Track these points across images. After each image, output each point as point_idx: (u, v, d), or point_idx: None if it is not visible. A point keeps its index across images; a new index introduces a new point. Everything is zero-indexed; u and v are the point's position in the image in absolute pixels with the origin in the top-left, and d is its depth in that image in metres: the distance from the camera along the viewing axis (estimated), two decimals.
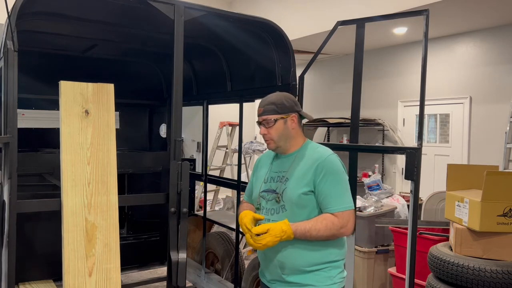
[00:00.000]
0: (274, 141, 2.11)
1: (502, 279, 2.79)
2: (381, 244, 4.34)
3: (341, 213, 1.97)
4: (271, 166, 2.21)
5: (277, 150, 2.17)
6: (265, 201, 2.13)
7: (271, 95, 2.15)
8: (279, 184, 2.10)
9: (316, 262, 2.02)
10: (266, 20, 3.12)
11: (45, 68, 4.10)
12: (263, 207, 2.14)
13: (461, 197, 3.11)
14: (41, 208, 2.53)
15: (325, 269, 2.03)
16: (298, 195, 2.01)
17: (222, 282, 3.95)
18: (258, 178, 2.25)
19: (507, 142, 5.61)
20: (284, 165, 2.14)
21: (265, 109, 2.10)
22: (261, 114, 2.11)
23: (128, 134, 4.79)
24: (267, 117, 2.09)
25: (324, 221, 1.96)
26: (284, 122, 2.09)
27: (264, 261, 2.16)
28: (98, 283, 2.41)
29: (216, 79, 4.09)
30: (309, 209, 2.02)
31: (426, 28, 2.51)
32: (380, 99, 7.72)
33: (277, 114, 2.08)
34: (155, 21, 2.97)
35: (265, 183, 2.17)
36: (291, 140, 2.13)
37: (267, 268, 2.15)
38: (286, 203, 2.04)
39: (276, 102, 2.10)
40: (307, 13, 6.73)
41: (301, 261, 2.02)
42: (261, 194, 2.16)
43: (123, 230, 4.52)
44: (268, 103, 2.10)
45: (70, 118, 2.47)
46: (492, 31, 6.18)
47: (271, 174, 2.17)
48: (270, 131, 2.09)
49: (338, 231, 1.97)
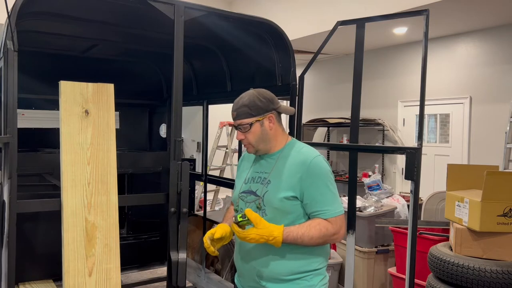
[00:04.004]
0: (253, 146, 1.97)
1: (502, 279, 2.79)
2: (381, 244, 4.34)
3: (334, 218, 1.86)
4: (253, 165, 2.06)
5: (258, 153, 2.03)
6: (244, 203, 1.98)
7: (244, 96, 1.97)
8: (260, 186, 1.95)
9: (297, 271, 1.89)
10: (266, 20, 3.12)
11: (45, 68, 4.10)
12: (241, 209, 1.96)
13: (461, 197, 3.11)
14: (41, 208, 2.53)
15: (307, 277, 1.90)
16: (280, 199, 1.87)
17: (222, 282, 3.95)
18: (239, 179, 2.11)
19: (507, 142, 5.61)
20: (266, 166, 1.99)
21: (238, 113, 1.94)
22: (235, 118, 1.95)
23: (128, 134, 4.79)
24: (241, 122, 1.94)
25: (318, 226, 1.83)
26: (260, 124, 1.93)
27: (241, 266, 2.03)
28: (98, 283, 2.41)
29: (216, 79, 4.09)
30: (294, 216, 1.88)
31: (426, 28, 2.51)
32: (380, 99, 7.72)
33: (251, 117, 1.92)
34: (155, 21, 2.97)
35: (246, 184, 2.02)
36: (271, 141, 1.98)
37: (242, 274, 2.03)
38: (267, 207, 1.89)
39: (249, 104, 1.92)
40: (307, 13, 6.73)
41: (281, 269, 1.89)
42: (241, 195, 2.02)
43: (123, 230, 4.52)
44: (241, 106, 1.93)
45: (70, 118, 2.47)
46: (492, 31, 6.18)
47: (252, 174, 2.02)
48: (246, 135, 1.95)
49: (331, 237, 1.86)
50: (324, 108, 8.73)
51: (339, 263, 4.40)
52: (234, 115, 1.97)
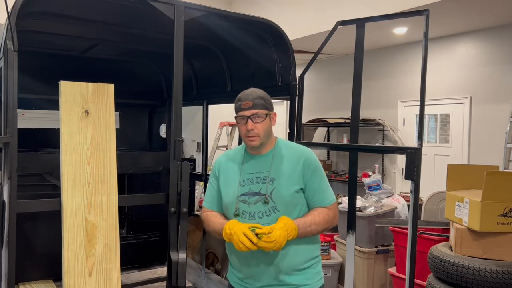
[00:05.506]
0: (260, 138, 1.99)
1: (502, 279, 2.79)
2: (381, 244, 4.34)
3: (332, 205, 2.05)
4: (243, 167, 2.05)
5: (258, 149, 2.03)
6: (247, 205, 1.98)
7: (254, 89, 2.03)
8: (263, 185, 1.98)
9: (308, 258, 2.03)
10: (266, 20, 3.12)
11: (45, 68, 4.10)
12: (245, 212, 1.98)
13: (461, 197, 3.11)
14: (41, 208, 2.53)
15: (313, 265, 2.05)
16: (291, 193, 1.97)
17: (222, 282, 3.94)
18: (229, 182, 2.06)
19: (507, 142, 5.61)
20: (261, 165, 2.03)
21: (254, 103, 1.97)
22: (251, 107, 1.97)
23: (128, 134, 4.79)
24: (258, 111, 1.97)
25: (321, 214, 1.99)
26: (269, 118, 2.02)
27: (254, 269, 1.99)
28: (98, 283, 2.41)
29: (216, 79, 4.09)
30: (300, 207, 2.01)
31: (426, 28, 2.51)
32: (380, 99, 7.72)
33: (266, 110, 2.00)
34: (155, 21, 2.97)
35: (242, 186, 2.01)
36: (270, 137, 2.05)
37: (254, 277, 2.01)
38: (278, 203, 1.96)
39: (264, 97, 2.01)
40: (307, 13, 6.73)
41: (297, 259, 1.99)
42: (240, 198, 2.00)
43: (123, 230, 4.52)
44: (257, 97, 1.99)
45: (70, 118, 2.47)
46: (492, 31, 6.18)
47: (247, 176, 2.02)
48: (258, 126, 1.97)
49: (331, 222, 2.04)
50: (324, 108, 8.72)
51: (339, 263, 4.40)
52: (249, 104, 1.97)
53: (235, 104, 2.03)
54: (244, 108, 1.98)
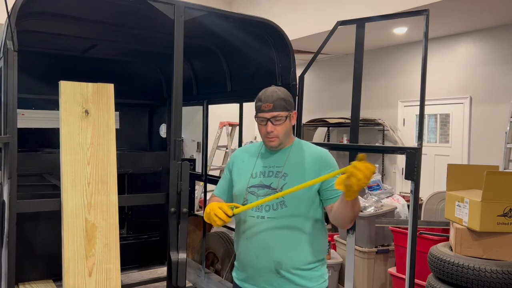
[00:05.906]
0: (279, 139, 2.00)
1: (502, 279, 2.79)
2: (381, 244, 4.34)
3: None
4: (258, 160, 2.09)
5: (278, 148, 2.05)
6: (255, 196, 2.00)
7: (276, 90, 2.02)
8: (275, 179, 2.00)
9: (311, 260, 2.00)
10: (266, 20, 3.12)
11: (45, 68, 4.10)
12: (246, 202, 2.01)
13: (461, 197, 3.11)
14: (41, 208, 2.53)
15: (316, 267, 2.02)
16: (301, 191, 1.92)
17: (222, 282, 3.95)
18: (241, 173, 2.10)
19: (507, 142, 5.61)
20: (276, 161, 2.05)
21: (275, 105, 1.96)
22: (271, 110, 1.96)
23: (128, 134, 4.79)
24: (278, 114, 1.96)
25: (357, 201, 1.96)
26: (289, 119, 2.01)
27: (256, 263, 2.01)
28: (98, 283, 2.41)
29: (216, 79, 4.09)
30: (308, 206, 1.99)
31: (426, 28, 2.51)
32: (380, 99, 7.72)
33: (286, 111, 1.98)
34: (155, 21, 2.97)
35: (254, 178, 2.04)
36: (290, 136, 2.07)
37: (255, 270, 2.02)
38: (286, 199, 1.95)
39: (285, 98, 1.99)
40: (307, 13, 6.73)
41: (299, 258, 1.98)
42: (250, 189, 2.03)
43: (123, 230, 4.52)
44: (277, 99, 1.97)
45: (70, 118, 2.47)
46: (492, 31, 6.18)
47: (260, 169, 2.05)
48: (277, 128, 1.97)
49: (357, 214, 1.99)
50: (324, 108, 8.72)
51: (339, 263, 4.40)
52: (269, 107, 1.96)
53: (255, 103, 2.03)
54: (264, 110, 1.97)
